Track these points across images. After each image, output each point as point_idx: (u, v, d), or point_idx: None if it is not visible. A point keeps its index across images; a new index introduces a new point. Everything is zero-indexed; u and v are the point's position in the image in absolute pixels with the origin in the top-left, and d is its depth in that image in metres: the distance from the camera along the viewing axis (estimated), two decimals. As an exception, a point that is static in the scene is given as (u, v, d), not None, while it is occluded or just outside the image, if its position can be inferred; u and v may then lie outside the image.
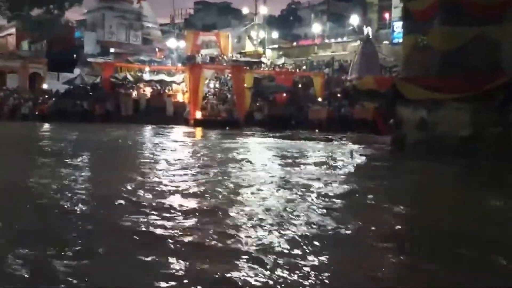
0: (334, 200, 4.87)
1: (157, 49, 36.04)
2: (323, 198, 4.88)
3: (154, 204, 4.44)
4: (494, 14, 8.70)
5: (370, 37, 23.11)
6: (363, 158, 9.24)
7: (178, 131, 16.34)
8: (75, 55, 35.50)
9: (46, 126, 18.28)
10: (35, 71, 31.10)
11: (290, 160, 8.22)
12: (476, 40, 8.72)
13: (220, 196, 4.92)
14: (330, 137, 13.78)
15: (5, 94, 24.78)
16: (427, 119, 9.21)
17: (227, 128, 17.21)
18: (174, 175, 6.29)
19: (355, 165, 8.24)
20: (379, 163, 8.94)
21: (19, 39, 36.40)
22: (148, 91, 21.95)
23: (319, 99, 19.86)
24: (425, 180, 6.63)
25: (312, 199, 4.81)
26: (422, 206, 4.96)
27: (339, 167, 7.61)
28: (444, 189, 5.98)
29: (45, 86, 29.12)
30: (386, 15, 33.58)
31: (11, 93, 25.01)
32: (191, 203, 4.59)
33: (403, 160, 9.02)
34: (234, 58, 28.29)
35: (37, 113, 21.72)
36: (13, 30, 36.53)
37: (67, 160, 7.72)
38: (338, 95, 19.54)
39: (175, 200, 4.66)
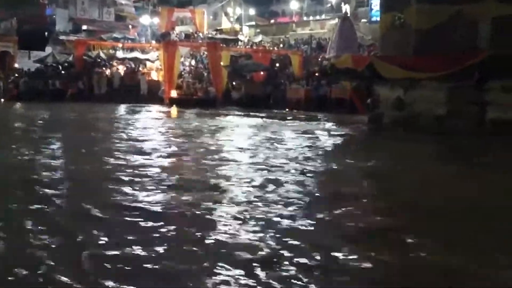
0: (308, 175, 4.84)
1: (130, 26, 35.09)
2: (295, 177, 4.79)
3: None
4: (471, -9, 8.65)
5: (348, 15, 22.90)
6: (340, 137, 9.20)
7: (152, 110, 16.00)
8: (46, 33, 34.28)
9: (17, 105, 17.70)
10: (5, 49, 29.89)
11: (268, 139, 8.10)
12: (454, 18, 8.67)
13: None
14: (308, 116, 13.73)
15: (-28, 73, 23.78)
16: (403, 98, 9.19)
17: (203, 106, 16.94)
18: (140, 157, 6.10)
19: (332, 143, 8.19)
20: (355, 141, 8.94)
21: (-14, 17, 34.88)
22: (121, 69, 21.37)
23: (297, 78, 19.70)
24: (397, 157, 6.61)
25: (285, 179, 4.70)
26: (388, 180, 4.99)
27: (315, 146, 7.54)
28: (414, 165, 5.99)
29: (16, 65, 28.08)
30: (365, -7, 33.36)
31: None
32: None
33: (379, 138, 9.02)
34: (210, 35, 27.74)
35: (7, 92, 20.98)
36: (-19, 8, 34.94)
37: (37, 144, 7.43)
38: (316, 74, 19.42)
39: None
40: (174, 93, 18.40)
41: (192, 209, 3.55)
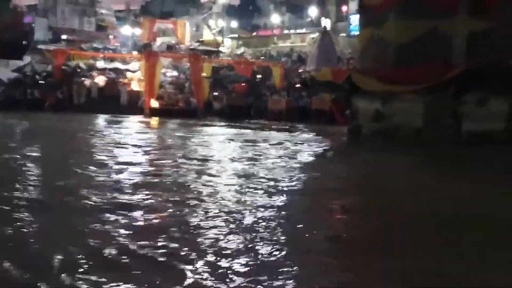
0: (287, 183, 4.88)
1: (111, 37, 34.87)
2: (276, 186, 4.83)
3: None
4: (446, 8, 8.91)
5: (328, 29, 23.31)
6: (320, 147, 9.31)
7: (132, 121, 15.89)
8: (25, 42, 33.74)
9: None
10: (-18, 58, 29.29)
11: (249, 149, 8.15)
12: (430, 33, 8.91)
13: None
14: (289, 126, 13.84)
15: None
16: (382, 111, 9.35)
17: (184, 117, 16.89)
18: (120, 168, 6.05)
19: (312, 153, 8.29)
20: (335, 152, 9.07)
21: (-38, 26, 34.18)
22: (101, 79, 21.18)
23: (279, 89, 19.87)
24: (374, 168, 6.73)
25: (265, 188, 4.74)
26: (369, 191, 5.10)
27: (296, 157, 7.61)
28: (394, 173, 6.14)
29: (-6, 75, 27.52)
30: (344, 8, 33.91)
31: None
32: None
33: (357, 150, 9.16)
34: (192, 47, 27.77)
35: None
36: (-44, 15, 34.26)
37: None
38: (297, 85, 19.63)
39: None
40: (154, 103, 18.30)
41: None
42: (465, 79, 8.40)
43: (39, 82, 22.08)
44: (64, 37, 33.56)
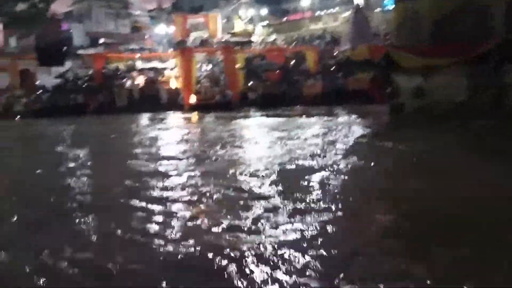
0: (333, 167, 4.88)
1: (146, 37, 35.52)
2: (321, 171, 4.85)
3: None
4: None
5: (361, 5, 22.77)
6: (362, 129, 9.19)
7: (173, 118, 16.22)
8: (64, 48, 34.92)
9: (42, 121, 18.03)
10: (25, 67, 30.61)
11: (286, 136, 8.17)
12: (465, 6, 8.59)
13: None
14: (326, 110, 13.72)
15: (-4, 92, 24.46)
16: (423, 86, 9.13)
17: (222, 110, 17.07)
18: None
19: (354, 136, 8.20)
20: (377, 133, 8.92)
21: (6, 35, 35.78)
22: (141, 79, 21.71)
23: (313, 74, 19.67)
24: (421, 147, 6.59)
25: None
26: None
27: (338, 140, 7.56)
28: (440, 155, 5.96)
29: (37, 82, 28.74)
30: (376, -18, 32.96)
31: (2, 92, 24.70)
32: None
33: (400, 128, 8.98)
34: (224, 39, 27.89)
35: (30, 110, 21.49)
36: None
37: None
38: (332, 67, 19.38)
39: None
40: (193, 99, 18.60)
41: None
42: (505, 48, 8.06)
43: (81, 87, 22.86)
44: (101, 41, 34.54)
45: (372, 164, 5.57)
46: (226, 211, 3.68)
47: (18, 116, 21.14)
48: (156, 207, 3.95)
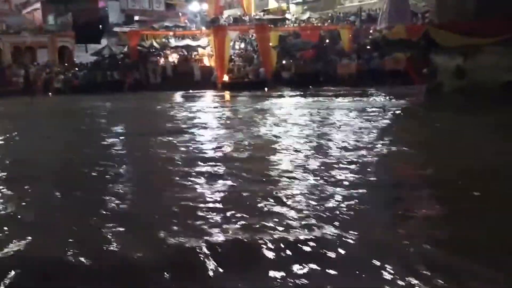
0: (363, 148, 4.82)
1: (180, 14, 35.62)
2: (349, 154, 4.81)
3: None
4: None
5: (399, -18, 21.99)
6: (397, 110, 9.01)
7: (207, 96, 16.34)
8: (100, 26, 35.50)
9: (80, 98, 18.38)
10: (64, 44, 31.34)
11: (319, 118, 8.11)
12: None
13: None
14: (361, 91, 13.50)
15: (37, 69, 25.23)
16: (464, 66, 8.83)
17: (254, 89, 17.04)
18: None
19: (390, 117, 8.05)
20: (413, 114, 8.73)
21: (45, 13, 36.61)
22: (174, 57, 21.89)
23: (348, 53, 19.32)
24: (459, 131, 6.40)
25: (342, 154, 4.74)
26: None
27: (373, 121, 7.45)
28: (481, 140, 5.74)
29: (75, 59, 29.43)
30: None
31: (42, 68, 25.45)
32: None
33: (438, 110, 8.74)
34: (257, 17, 27.67)
35: (69, 86, 22.06)
36: (38, 5, 36.72)
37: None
38: (368, 47, 18.96)
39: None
40: (226, 78, 18.65)
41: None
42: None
43: (117, 63, 23.27)
44: (136, 18, 34.88)
45: (407, 146, 5.48)
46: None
47: (49, 93, 21.74)
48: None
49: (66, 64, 27.25)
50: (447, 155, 4.81)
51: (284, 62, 19.67)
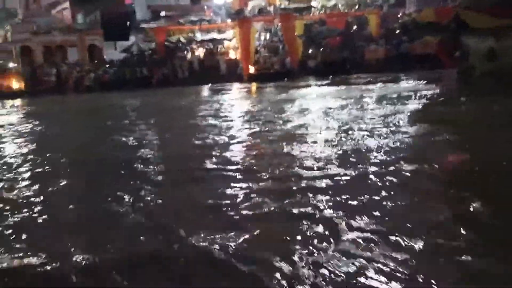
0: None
1: (205, 7, 35.70)
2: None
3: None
4: None
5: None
6: (429, 94, 8.81)
7: (233, 89, 16.38)
8: (128, 23, 35.98)
9: (112, 95, 18.67)
10: (93, 42, 31.99)
11: (348, 105, 8.02)
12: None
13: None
14: (389, 77, 13.26)
15: (68, 67, 25.88)
16: (496, 48, 8.53)
17: (280, 79, 16.97)
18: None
19: (421, 102, 7.89)
20: (445, 98, 8.51)
21: (73, 12, 37.40)
22: (201, 51, 22.03)
23: (376, 38, 18.97)
24: (491, 115, 6.20)
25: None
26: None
27: (404, 107, 7.32)
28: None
29: (104, 56, 30.01)
30: None
31: (73, 67, 26.09)
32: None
33: (470, 93, 8.49)
34: (282, 7, 27.40)
35: (99, 83, 22.53)
36: (67, 4, 37.53)
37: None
38: (396, 31, 18.56)
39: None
40: (252, 69, 18.64)
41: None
42: None
43: (145, 60, 23.62)
44: (162, 13, 35.18)
45: (440, 128, 5.36)
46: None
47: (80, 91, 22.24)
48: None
49: (96, 62, 27.82)
50: (485, 141, 4.69)
51: (310, 51, 19.50)
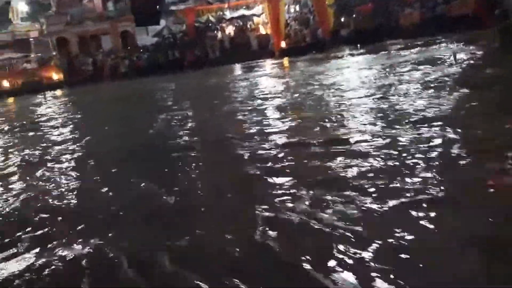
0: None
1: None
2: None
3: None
4: None
5: None
6: (468, 57, 8.48)
7: (266, 65, 16.30)
8: (158, 6, 36.20)
9: (146, 80, 19.04)
10: (125, 29, 32.42)
11: (385, 74, 7.85)
12: None
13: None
14: (426, 41, 12.81)
15: (102, 56, 26.46)
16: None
17: (313, 52, 16.74)
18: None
19: (460, 66, 7.61)
20: (486, 60, 8.17)
21: (104, 0, 37.91)
22: (230, 29, 21.96)
23: (410, 2, 18.27)
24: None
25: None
26: None
27: (442, 71, 7.09)
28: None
29: (137, 42, 30.42)
30: None
31: (108, 55, 26.65)
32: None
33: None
34: (311, -24, 26.78)
35: (134, 69, 22.97)
36: (97, -7, 38.03)
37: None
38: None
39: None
40: (283, 44, 18.45)
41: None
42: None
43: (177, 42, 23.83)
44: (190, -6, 35.10)
45: (481, 93, 5.17)
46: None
47: (116, 78, 22.72)
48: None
49: (129, 48, 28.27)
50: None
51: (342, 20, 19.07)
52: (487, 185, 2.48)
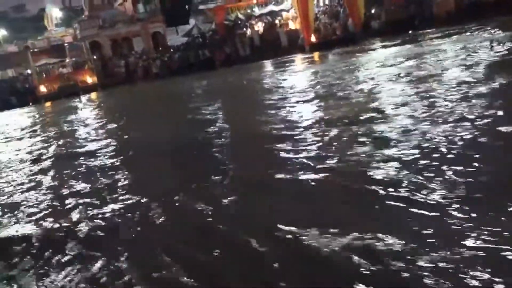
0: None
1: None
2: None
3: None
4: None
5: None
6: (507, 43, 8.13)
7: (296, 60, 16.15)
8: (187, 6, 36.45)
9: (180, 80, 19.04)
10: (156, 30, 32.82)
11: (419, 64, 7.63)
12: None
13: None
14: (463, 29, 12.38)
15: (135, 57, 26.88)
16: None
17: (344, 45, 16.45)
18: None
19: (498, 52, 7.31)
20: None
21: (134, 2, 38.50)
22: (260, 26, 21.90)
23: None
24: None
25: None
26: None
27: (480, 59, 6.83)
28: None
29: (168, 42, 30.75)
30: None
31: (140, 56, 27.06)
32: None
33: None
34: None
35: (165, 70, 23.23)
36: (127, -5, 38.63)
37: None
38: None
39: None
40: (313, 38, 18.24)
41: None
42: None
43: (207, 41, 23.95)
44: (219, -8, 35.19)
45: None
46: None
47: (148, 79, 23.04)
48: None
49: (160, 49, 28.63)
50: None
51: (372, 11, 18.68)
52: None
